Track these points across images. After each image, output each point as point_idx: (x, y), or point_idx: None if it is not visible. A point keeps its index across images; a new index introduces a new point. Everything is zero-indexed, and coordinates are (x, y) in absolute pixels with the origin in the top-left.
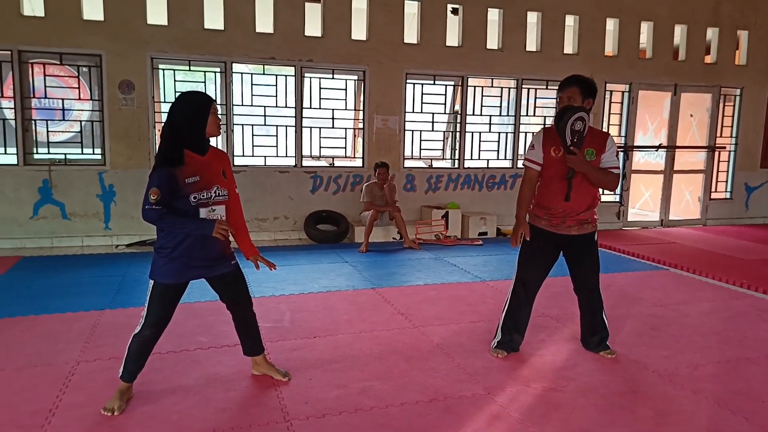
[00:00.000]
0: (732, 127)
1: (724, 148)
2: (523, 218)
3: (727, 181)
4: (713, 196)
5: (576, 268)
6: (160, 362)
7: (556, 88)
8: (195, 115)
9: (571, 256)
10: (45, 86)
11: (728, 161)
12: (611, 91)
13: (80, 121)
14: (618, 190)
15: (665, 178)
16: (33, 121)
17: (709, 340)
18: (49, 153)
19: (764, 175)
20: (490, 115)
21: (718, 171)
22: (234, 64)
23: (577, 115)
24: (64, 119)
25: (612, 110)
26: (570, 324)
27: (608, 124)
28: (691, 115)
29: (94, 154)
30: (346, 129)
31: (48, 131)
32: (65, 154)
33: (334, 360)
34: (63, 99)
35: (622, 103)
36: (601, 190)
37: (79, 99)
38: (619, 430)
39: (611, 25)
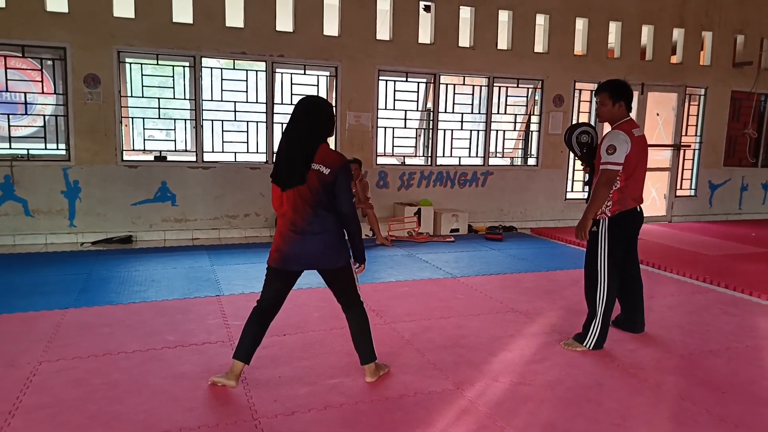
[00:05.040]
0: (697, 125)
1: (689, 146)
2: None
3: (691, 179)
4: (678, 193)
5: None
6: (126, 361)
7: (527, 86)
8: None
9: None
10: (6, 79)
11: (693, 159)
12: (580, 90)
13: (44, 116)
14: (585, 188)
15: None
16: None
17: (673, 334)
18: (10, 148)
19: (727, 173)
20: (462, 113)
21: (683, 169)
22: (203, 59)
23: (580, 130)
24: (26, 113)
25: (581, 109)
26: (539, 319)
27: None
28: (657, 114)
29: (58, 149)
30: None
31: (9, 125)
32: (28, 149)
33: (304, 357)
34: (25, 92)
35: (591, 101)
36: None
37: (43, 93)
38: (585, 423)
39: (581, 24)
